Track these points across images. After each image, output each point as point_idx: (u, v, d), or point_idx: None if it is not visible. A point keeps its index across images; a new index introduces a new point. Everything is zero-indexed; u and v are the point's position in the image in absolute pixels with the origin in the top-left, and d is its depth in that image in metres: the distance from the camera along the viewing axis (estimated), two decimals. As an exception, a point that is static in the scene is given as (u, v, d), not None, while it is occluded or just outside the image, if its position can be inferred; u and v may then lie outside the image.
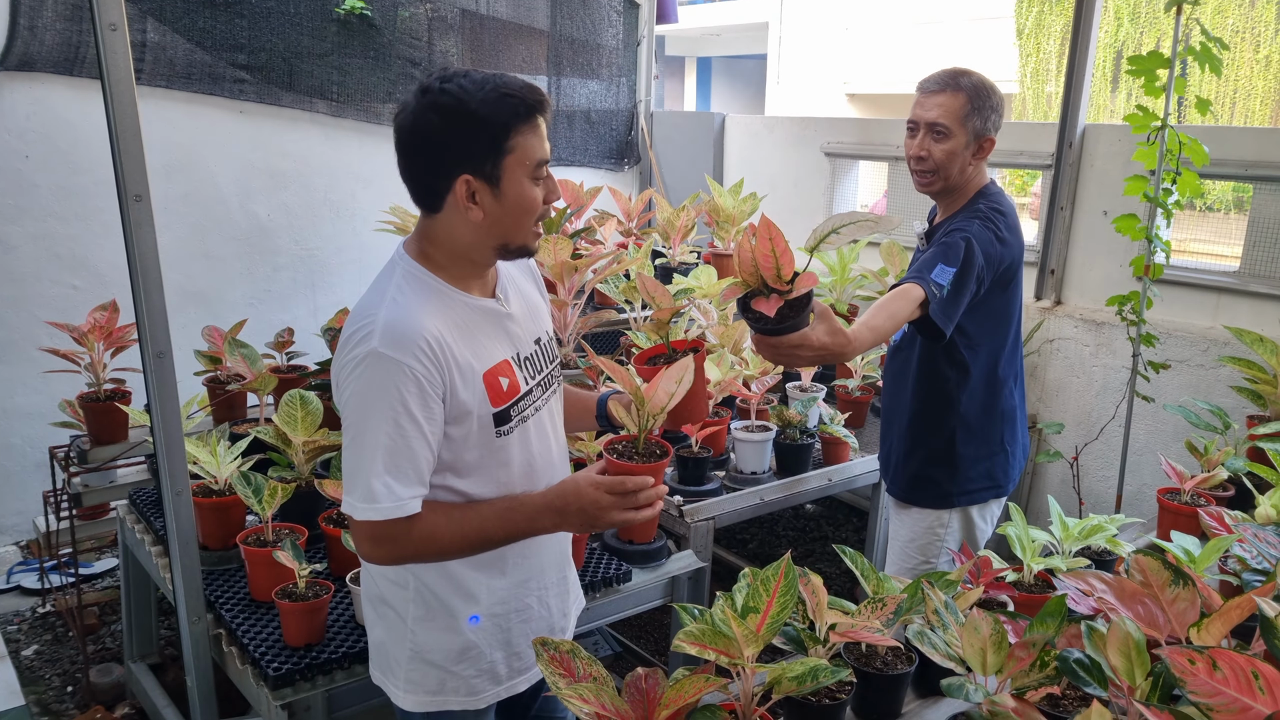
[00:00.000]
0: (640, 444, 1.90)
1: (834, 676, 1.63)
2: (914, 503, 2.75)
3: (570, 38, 5.85)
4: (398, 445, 1.61)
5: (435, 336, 1.62)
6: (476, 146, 1.62)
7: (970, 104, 2.47)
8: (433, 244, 1.72)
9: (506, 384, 1.74)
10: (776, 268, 1.84)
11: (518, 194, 1.67)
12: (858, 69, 16.95)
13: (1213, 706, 1.15)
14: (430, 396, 1.62)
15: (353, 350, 1.62)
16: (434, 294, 1.69)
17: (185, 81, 4.50)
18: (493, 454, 1.75)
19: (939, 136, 2.49)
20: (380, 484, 1.60)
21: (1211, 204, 8.78)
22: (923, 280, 2.31)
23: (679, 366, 1.88)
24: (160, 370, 2.14)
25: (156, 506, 2.94)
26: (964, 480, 2.67)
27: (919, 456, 2.71)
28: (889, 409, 2.83)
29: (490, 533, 1.71)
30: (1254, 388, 3.18)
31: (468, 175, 1.63)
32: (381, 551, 1.67)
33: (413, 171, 1.68)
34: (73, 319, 3.46)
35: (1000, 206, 2.54)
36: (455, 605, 1.78)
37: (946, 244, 2.40)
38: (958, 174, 2.53)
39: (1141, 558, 1.58)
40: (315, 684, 2.19)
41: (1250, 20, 13.07)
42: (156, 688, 3.16)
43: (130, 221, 2.02)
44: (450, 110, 1.60)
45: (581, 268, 3.55)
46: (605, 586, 2.68)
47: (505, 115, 1.62)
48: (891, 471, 2.82)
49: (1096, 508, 3.96)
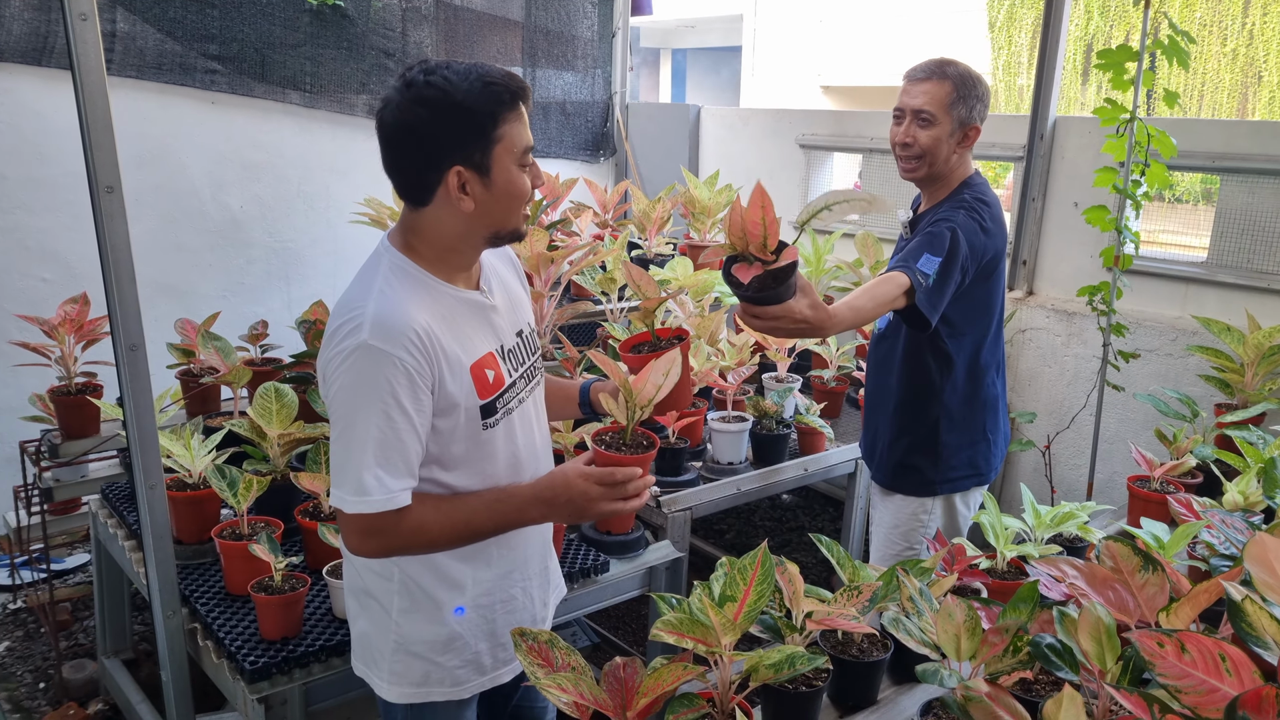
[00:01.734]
0: (628, 435, 1.90)
1: (810, 664, 1.65)
2: (898, 490, 2.78)
3: (545, 29, 5.83)
4: (388, 437, 1.60)
5: (424, 328, 1.62)
6: (466, 137, 1.62)
7: (956, 92, 2.51)
8: (419, 237, 1.72)
9: (492, 376, 1.75)
10: (764, 236, 1.83)
11: (507, 181, 1.67)
12: (832, 61, 17.00)
13: (1181, 688, 1.17)
14: (420, 389, 1.62)
15: (341, 343, 1.61)
16: (421, 286, 1.69)
17: (156, 72, 4.46)
18: (479, 446, 1.75)
19: (924, 123, 2.53)
20: (371, 476, 1.60)
21: (1180, 195, 8.87)
22: (909, 269, 2.33)
23: (667, 359, 1.88)
24: (133, 363, 2.12)
25: (129, 501, 2.93)
26: (947, 468, 2.70)
27: (903, 444, 2.73)
28: (873, 397, 2.86)
29: (479, 524, 1.71)
30: (1222, 376, 3.23)
31: (459, 166, 1.63)
32: (371, 544, 1.66)
33: (400, 165, 1.67)
34: (42, 311, 3.42)
35: (985, 197, 2.56)
36: (440, 596, 1.78)
37: (932, 233, 2.42)
38: (942, 161, 2.56)
39: (1112, 544, 1.60)
40: (292, 677, 2.18)
41: (1217, 14, 13.21)
42: (130, 683, 3.14)
43: (102, 213, 2.00)
44: (438, 102, 1.60)
45: (558, 259, 3.55)
46: (583, 577, 2.69)
47: (492, 104, 1.62)
48: (876, 459, 2.84)
49: (1068, 495, 4.00)
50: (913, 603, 1.83)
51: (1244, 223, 3.63)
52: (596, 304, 4.00)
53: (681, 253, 4.28)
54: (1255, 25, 12.91)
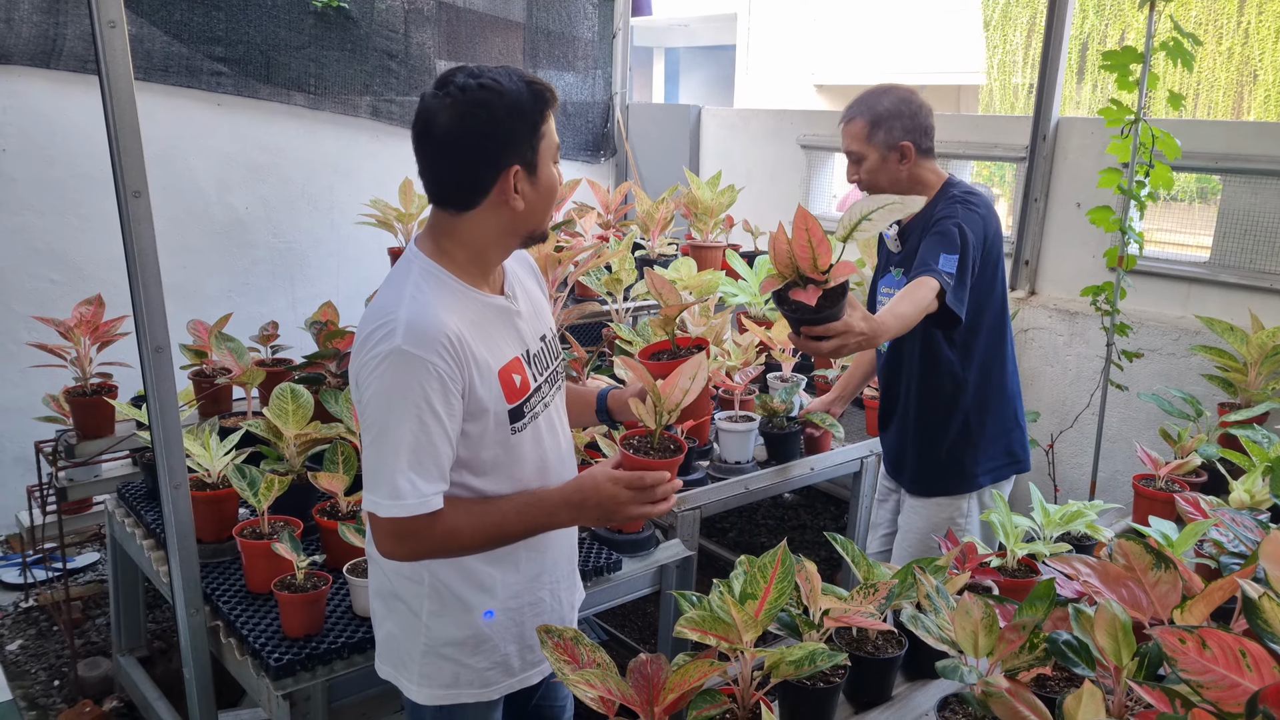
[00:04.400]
0: (656, 439, 1.92)
1: (831, 660, 1.68)
2: (937, 493, 2.82)
3: (546, 30, 5.86)
4: (421, 442, 1.62)
5: (455, 333, 1.64)
6: (521, 136, 1.66)
7: (868, 125, 2.62)
8: (454, 241, 1.73)
9: (519, 381, 1.77)
10: (813, 257, 1.85)
11: (549, 178, 1.72)
12: (826, 60, 17.01)
13: (1203, 684, 1.21)
14: (452, 393, 1.64)
15: (374, 348, 1.63)
16: (451, 291, 1.71)
17: (163, 74, 4.48)
18: (508, 451, 1.77)
19: (856, 162, 2.67)
20: (405, 480, 1.61)
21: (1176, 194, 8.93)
22: (933, 271, 2.39)
23: (693, 363, 1.89)
24: (158, 365, 2.14)
25: (147, 500, 2.95)
26: (986, 459, 2.76)
27: (939, 445, 2.77)
28: (892, 410, 2.89)
29: (510, 527, 1.74)
30: (1225, 376, 3.26)
31: (516, 165, 1.66)
32: (405, 548, 1.68)
33: (454, 170, 1.68)
34: (51, 313, 3.44)
35: (971, 189, 2.65)
36: (470, 599, 1.80)
37: (940, 233, 2.49)
38: (894, 181, 2.65)
39: (1124, 542, 1.63)
40: (315, 674, 2.21)
41: (1213, 13, 13.26)
42: (146, 680, 3.16)
43: (129, 218, 2.04)
44: (494, 104, 1.62)
45: (564, 260, 3.58)
46: (596, 575, 2.72)
47: (539, 103, 1.67)
48: (908, 469, 2.88)
49: (1072, 494, 4.04)
50: (929, 600, 1.87)
51: (1247, 223, 3.67)
52: (602, 304, 4.03)
53: (684, 253, 4.30)
54: (1251, 24, 12.96)
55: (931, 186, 2.68)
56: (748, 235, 4.87)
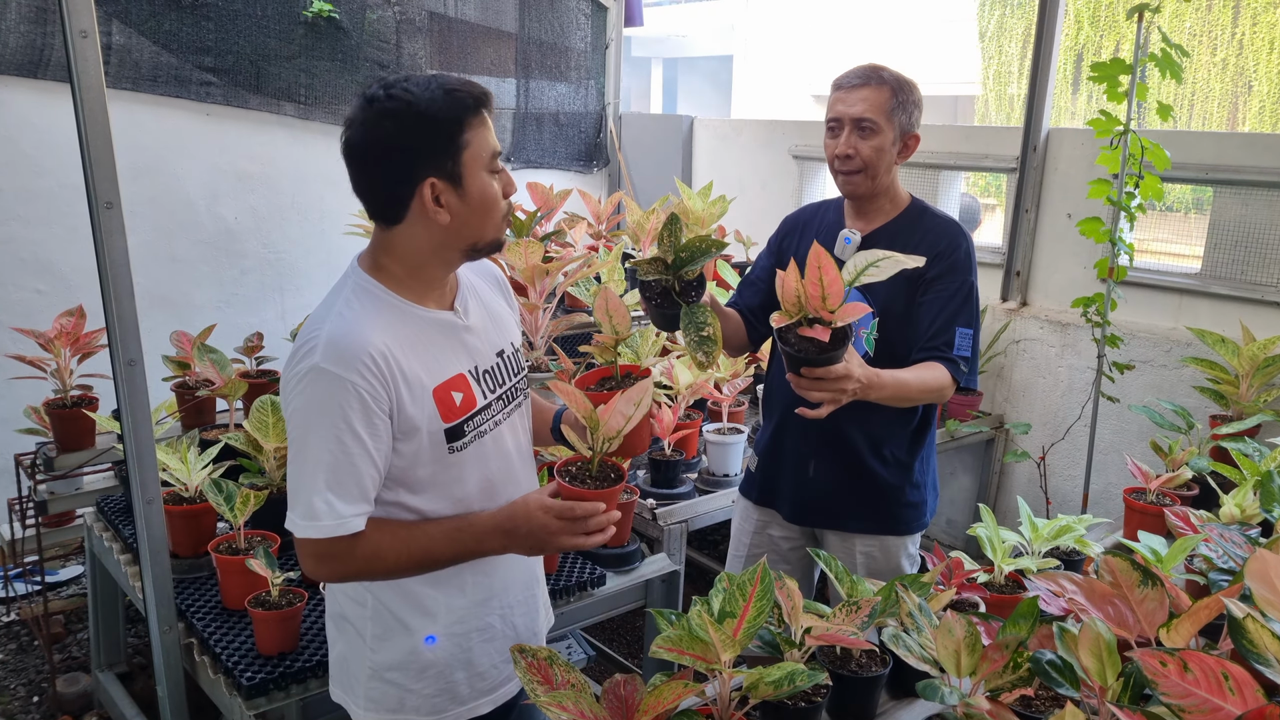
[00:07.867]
0: (594, 467, 1.81)
1: (811, 680, 1.64)
2: (894, 531, 2.53)
3: (538, 40, 5.85)
4: (340, 462, 1.57)
5: (381, 351, 1.59)
6: (435, 147, 1.60)
7: (895, 97, 2.33)
8: (390, 256, 1.69)
9: (460, 398, 1.70)
10: (823, 295, 1.81)
11: (480, 189, 1.64)
12: (823, 71, 17.01)
13: (1184, 708, 1.18)
14: (375, 413, 1.59)
15: (297, 365, 1.59)
16: (385, 308, 1.66)
17: (151, 84, 4.46)
18: (446, 470, 1.71)
19: (866, 133, 2.33)
20: (321, 501, 1.57)
21: (1171, 204, 8.92)
22: (948, 360, 2.26)
23: (639, 388, 1.81)
24: (131, 378, 2.11)
25: (125, 514, 2.92)
26: (938, 488, 2.64)
27: (898, 477, 2.50)
28: (835, 453, 2.50)
29: (438, 552, 1.67)
30: (1216, 388, 3.24)
31: (432, 178, 1.60)
32: (325, 569, 1.64)
33: (371, 184, 1.65)
34: (37, 324, 3.41)
35: (955, 219, 2.47)
36: (412, 623, 1.74)
37: (957, 301, 2.32)
38: (884, 174, 2.38)
39: (1111, 559, 1.60)
40: (289, 693, 2.18)
41: (1207, 24, 13.29)
42: (125, 697, 3.12)
43: (101, 229, 2.00)
44: (402, 115, 1.58)
45: (553, 271, 3.56)
46: (579, 590, 2.68)
47: (456, 111, 1.60)
48: (863, 504, 2.53)
49: (1063, 507, 4.01)
50: (912, 618, 1.83)
51: (1237, 234, 3.65)
52: (591, 315, 4.00)
53: (676, 264, 4.27)
54: (1245, 35, 12.99)
55: (901, 199, 2.45)
56: (739, 245, 4.84)
